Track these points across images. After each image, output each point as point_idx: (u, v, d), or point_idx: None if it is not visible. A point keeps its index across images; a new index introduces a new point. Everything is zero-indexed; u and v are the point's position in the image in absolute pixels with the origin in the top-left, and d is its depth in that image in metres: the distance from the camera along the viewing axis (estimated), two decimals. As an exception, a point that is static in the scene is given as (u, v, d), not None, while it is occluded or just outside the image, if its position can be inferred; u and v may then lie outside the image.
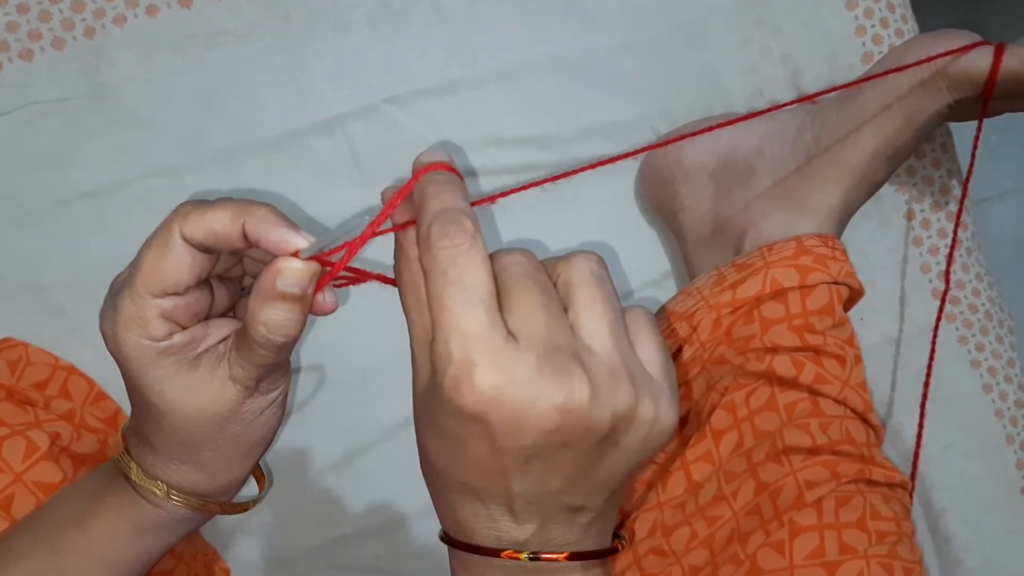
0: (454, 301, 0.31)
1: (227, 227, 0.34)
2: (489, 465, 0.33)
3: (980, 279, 0.61)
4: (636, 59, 0.59)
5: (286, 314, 0.34)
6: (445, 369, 0.31)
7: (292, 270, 0.34)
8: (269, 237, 0.34)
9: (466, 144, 0.59)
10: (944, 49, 0.49)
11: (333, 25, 0.58)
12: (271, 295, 0.34)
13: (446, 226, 0.32)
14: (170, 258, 0.34)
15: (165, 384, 0.36)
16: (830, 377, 0.49)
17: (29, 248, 0.57)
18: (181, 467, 0.39)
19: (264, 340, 0.35)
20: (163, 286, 0.34)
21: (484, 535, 0.35)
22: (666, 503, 0.50)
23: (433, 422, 0.33)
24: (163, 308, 0.35)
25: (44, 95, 0.57)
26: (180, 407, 0.36)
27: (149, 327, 0.35)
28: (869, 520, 0.46)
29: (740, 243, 0.54)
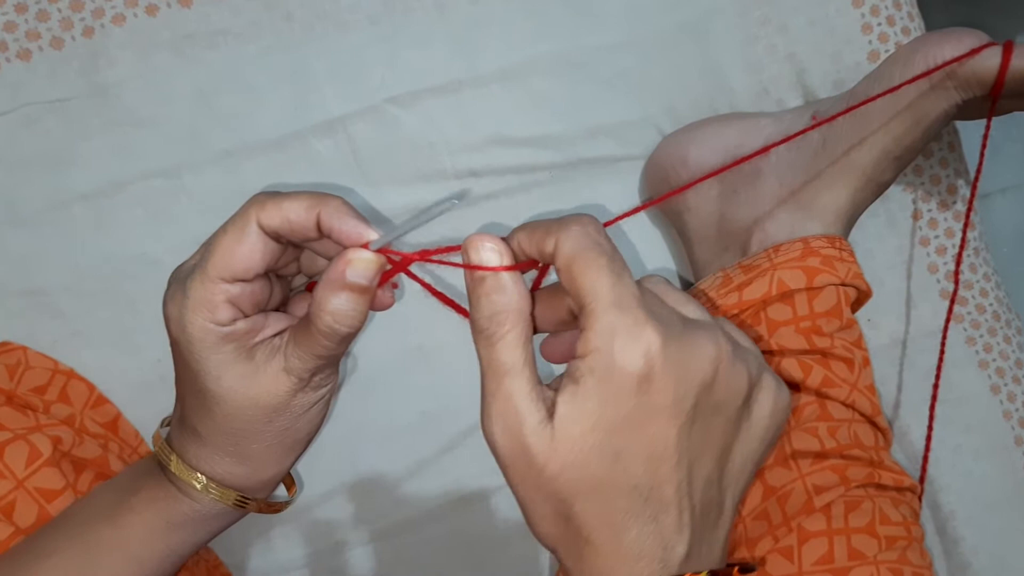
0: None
1: (302, 216, 0.35)
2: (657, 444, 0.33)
3: (988, 279, 0.61)
4: (640, 57, 0.58)
5: (352, 304, 0.36)
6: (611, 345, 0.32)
7: (362, 261, 0.35)
8: (342, 228, 0.35)
9: (469, 144, 0.58)
10: (951, 47, 0.49)
11: (334, 24, 0.57)
12: (339, 284, 0.35)
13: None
14: (245, 244, 0.36)
15: (223, 370, 0.37)
16: (838, 380, 0.49)
17: (26, 250, 0.56)
18: (224, 459, 0.40)
19: (329, 329, 0.36)
20: (234, 271, 0.36)
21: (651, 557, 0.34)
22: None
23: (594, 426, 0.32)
24: (231, 293, 0.36)
25: (42, 95, 0.56)
26: (234, 394, 0.37)
27: (217, 311, 0.36)
28: (879, 525, 0.46)
29: (746, 244, 0.53)
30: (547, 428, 0.32)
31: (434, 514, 0.59)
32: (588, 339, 0.32)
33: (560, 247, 0.33)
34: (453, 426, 0.59)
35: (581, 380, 0.32)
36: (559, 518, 0.34)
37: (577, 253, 0.33)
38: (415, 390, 0.59)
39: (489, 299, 0.34)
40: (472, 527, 0.59)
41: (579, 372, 0.32)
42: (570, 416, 0.32)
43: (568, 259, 0.33)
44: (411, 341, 0.59)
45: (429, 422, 0.59)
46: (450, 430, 0.59)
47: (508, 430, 0.33)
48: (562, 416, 0.33)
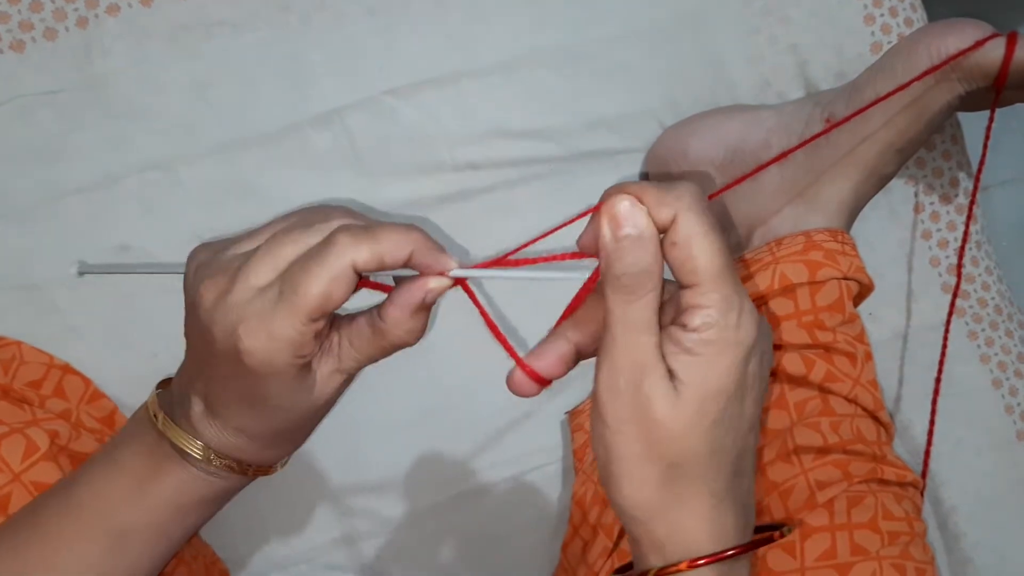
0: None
1: (396, 256, 0.36)
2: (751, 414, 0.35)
3: (989, 273, 0.60)
4: (640, 49, 0.58)
5: (423, 322, 0.38)
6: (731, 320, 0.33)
7: (443, 287, 0.37)
8: (435, 265, 0.37)
9: (468, 136, 0.58)
10: (954, 39, 0.49)
11: (332, 15, 0.57)
12: (416, 307, 0.37)
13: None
14: (341, 287, 0.35)
15: (292, 386, 0.37)
16: (840, 375, 0.49)
17: (20, 244, 0.56)
18: (261, 446, 0.40)
19: (400, 341, 0.38)
20: (326, 311, 0.35)
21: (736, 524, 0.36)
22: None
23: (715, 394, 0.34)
24: (318, 328, 0.36)
25: (36, 87, 0.56)
26: (297, 404, 0.38)
27: (305, 347, 0.36)
28: (881, 520, 0.46)
29: (748, 238, 0.53)
30: (669, 388, 0.34)
31: (434, 509, 0.59)
32: (708, 314, 0.33)
33: (681, 222, 0.33)
34: (454, 421, 0.59)
35: (701, 352, 0.34)
36: (664, 481, 0.35)
37: (697, 231, 0.33)
38: (416, 385, 0.59)
39: (635, 256, 0.34)
40: (472, 522, 0.59)
41: (698, 345, 0.34)
42: (694, 383, 0.34)
43: (688, 236, 0.33)
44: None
45: (430, 417, 0.59)
46: (451, 425, 0.59)
47: (631, 385, 0.34)
48: (685, 382, 0.34)
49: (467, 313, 0.58)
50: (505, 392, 0.58)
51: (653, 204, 0.33)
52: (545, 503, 0.59)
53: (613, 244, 0.34)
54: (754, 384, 0.35)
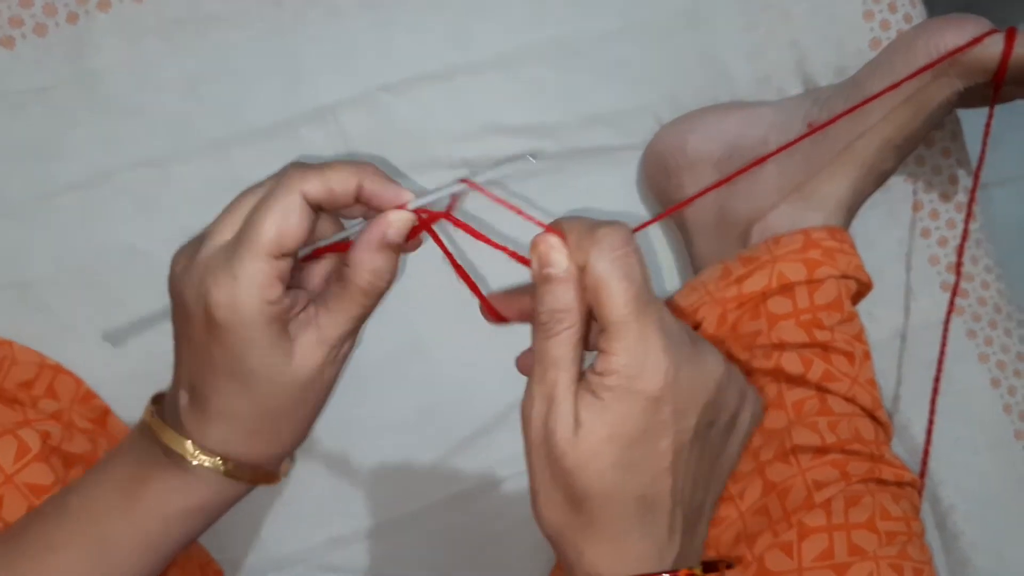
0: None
1: (345, 186, 0.37)
2: (664, 458, 0.36)
3: (989, 271, 0.60)
4: (639, 44, 0.58)
5: (390, 262, 0.38)
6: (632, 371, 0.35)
7: (403, 220, 0.37)
8: (384, 194, 0.37)
9: (464, 132, 0.58)
10: (953, 35, 0.48)
11: (325, 10, 0.56)
12: (378, 244, 0.37)
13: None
14: (293, 218, 0.36)
15: (270, 349, 0.37)
16: (839, 374, 0.49)
17: (11, 242, 0.56)
18: (250, 438, 0.40)
19: (370, 287, 0.38)
20: (285, 246, 0.36)
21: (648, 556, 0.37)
22: (672, 505, 0.49)
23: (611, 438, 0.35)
24: (281, 269, 0.36)
25: (26, 83, 0.55)
26: (278, 373, 0.38)
27: (270, 290, 0.36)
28: (879, 520, 0.46)
29: (746, 235, 0.53)
30: (571, 424, 0.35)
31: (430, 510, 0.59)
32: (611, 361, 0.35)
33: (592, 267, 0.35)
34: (450, 421, 0.59)
35: (603, 396, 0.35)
36: (568, 508, 0.37)
37: (607, 278, 0.35)
38: (412, 385, 0.58)
39: (553, 295, 0.36)
40: (469, 523, 0.59)
41: (600, 389, 0.35)
42: (592, 426, 0.35)
43: (597, 281, 0.35)
44: (408, 335, 0.58)
45: (426, 417, 0.59)
46: (447, 425, 0.59)
47: (541, 415, 0.36)
48: (584, 423, 0.35)
49: (464, 311, 0.58)
50: (502, 390, 0.58)
51: (572, 245, 0.36)
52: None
53: (537, 281, 0.36)
54: (670, 428, 0.36)
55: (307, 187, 0.36)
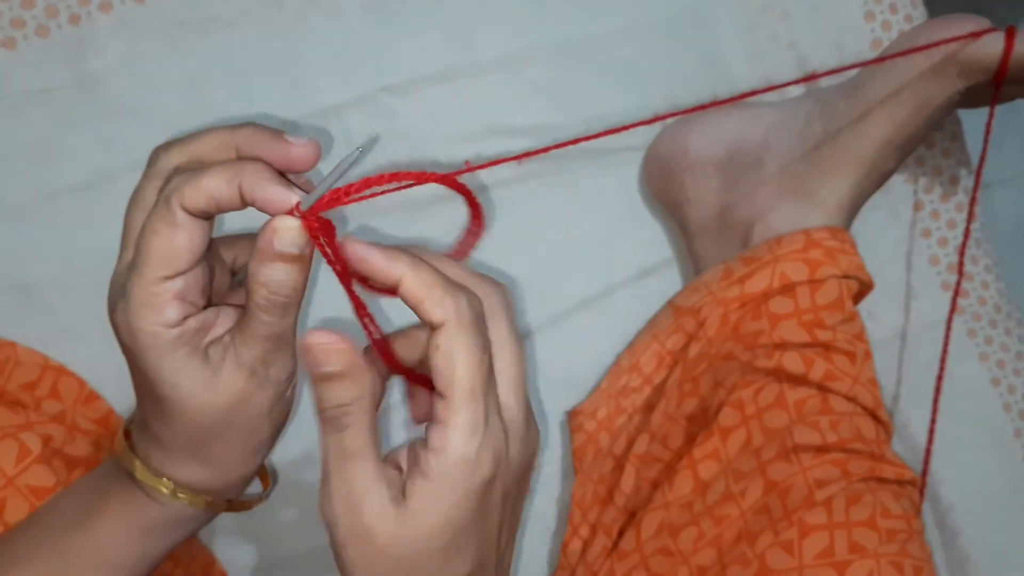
0: None
1: (224, 192, 0.33)
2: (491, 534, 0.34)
3: (989, 271, 0.60)
4: (640, 45, 0.58)
5: (285, 274, 0.34)
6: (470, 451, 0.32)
7: (288, 229, 0.33)
8: (265, 196, 0.33)
9: (465, 134, 0.58)
10: (953, 33, 0.48)
11: (327, 11, 0.56)
12: (269, 255, 0.33)
13: None
14: (179, 235, 0.33)
15: (179, 376, 0.35)
16: (840, 374, 0.49)
17: (13, 244, 0.55)
18: (189, 463, 0.38)
19: (266, 302, 0.34)
20: (176, 266, 0.33)
21: None
22: (673, 502, 0.49)
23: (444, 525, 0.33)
24: (175, 289, 0.34)
25: (28, 85, 0.55)
26: (194, 400, 0.35)
27: (164, 311, 0.34)
28: (879, 518, 0.46)
29: (747, 236, 0.53)
30: (391, 512, 0.32)
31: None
32: (447, 436, 0.32)
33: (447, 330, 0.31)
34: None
35: (435, 478, 0.32)
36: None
37: (462, 343, 0.31)
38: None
39: (336, 392, 0.33)
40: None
41: (432, 469, 0.32)
42: (424, 511, 0.32)
43: (450, 346, 0.31)
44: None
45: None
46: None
47: (351, 509, 0.33)
48: (414, 510, 0.32)
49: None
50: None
51: (429, 301, 0.31)
52: (545, 504, 0.59)
53: (313, 379, 0.33)
54: (499, 504, 0.34)
55: (185, 200, 0.33)
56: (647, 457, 0.52)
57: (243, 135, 0.34)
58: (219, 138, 0.34)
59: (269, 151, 0.34)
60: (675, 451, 0.51)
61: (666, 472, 0.51)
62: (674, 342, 0.54)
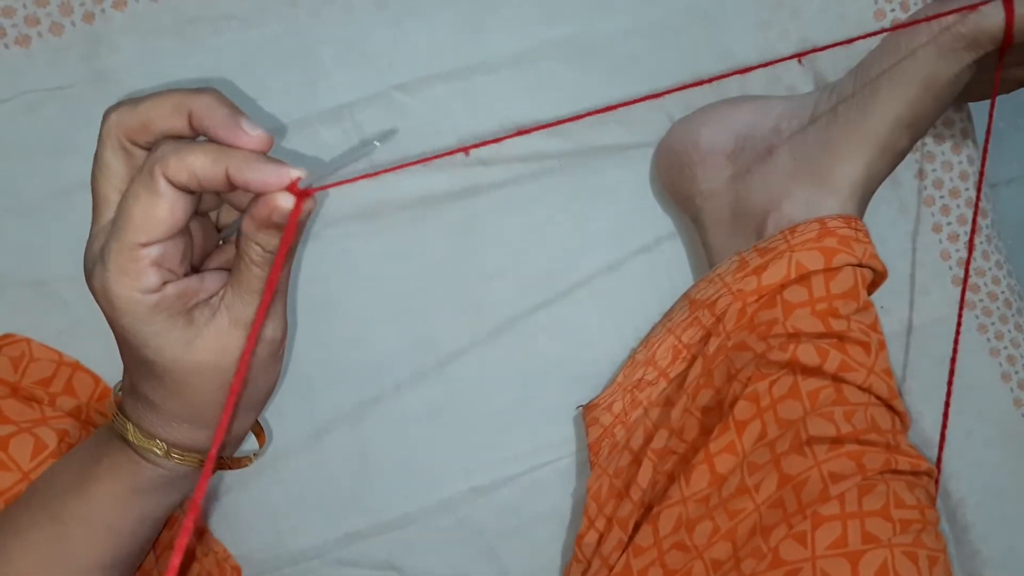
0: None
1: (210, 172, 0.33)
2: None
3: (1000, 267, 0.60)
4: (651, 42, 0.58)
5: (279, 236, 0.34)
6: None
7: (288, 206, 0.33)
8: (257, 178, 0.33)
9: (477, 131, 0.58)
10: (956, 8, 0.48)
11: (341, 8, 0.57)
12: (264, 224, 0.34)
13: None
14: (160, 204, 0.33)
15: (162, 340, 0.35)
16: (855, 364, 0.48)
17: (28, 240, 0.55)
18: (181, 424, 0.38)
19: (260, 257, 0.35)
20: (154, 234, 0.33)
21: None
22: (690, 498, 0.49)
23: None
24: (153, 256, 0.34)
25: (42, 83, 0.55)
26: (180, 363, 0.36)
27: (142, 278, 0.34)
28: (893, 509, 0.45)
29: (762, 226, 0.53)
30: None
31: (444, 505, 0.59)
32: None
33: None
34: (465, 416, 0.59)
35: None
36: None
37: None
38: (427, 380, 0.58)
39: None
40: (483, 518, 0.59)
41: None
42: None
43: None
44: (421, 332, 0.58)
45: (441, 412, 0.59)
46: (462, 420, 0.59)
47: None
48: None
49: (476, 306, 0.58)
50: (518, 385, 0.58)
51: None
52: (559, 497, 0.59)
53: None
54: None
55: (168, 171, 0.33)
56: (664, 452, 0.52)
57: (200, 103, 0.34)
58: (173, 101, 0.34)
59: (220, 130, 0.34)
60: (690, 443, 0.51)
61: (682, 465, 0.51)
62: (690, 335, 0.54)
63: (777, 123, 0.54)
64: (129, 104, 0.34)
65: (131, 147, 0.35)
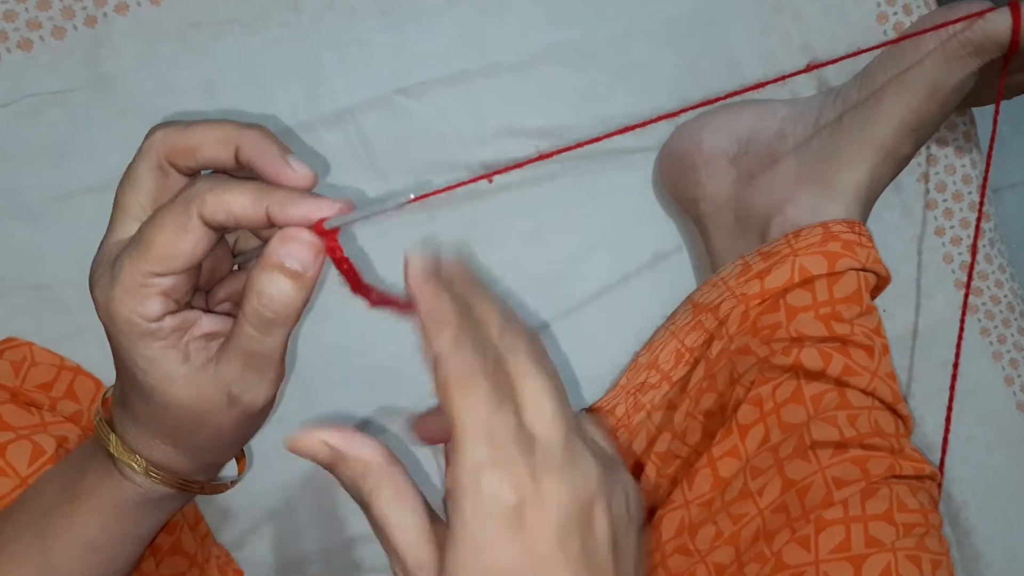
0: None
1: (249, 211, 0.32)
2: None
3: (1003, 270, 0.61)
4: (653, 47, 0.58)
5: (283, 288, 0.32)
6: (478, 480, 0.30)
7: (300, 242, 0.31)
8: (299, 212, 0.31)
9: (480, 135, 0.58)
10: (962, 14, 0.49)
11: (343, 13, 0.57)
12: (271, 263, 0.32)
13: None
14: (185, 240, 0.32)
15: (151, 365, 0.34)
16: (858, 368, 0.49)
17: (31, 244, 0.55)
18: (163, 445, 0.37)
19: (254, 312, 0.32)
20: (172, 266, 0.33)
21: None
22: (692, 501, 0.49)
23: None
24: (163, 287, 0.33)
25: (44, 86, 0.55)
26: (165, 391, 0.35)
27: (145, 304, 0.33)
28: (896, 512, 0.45)
29: (765, 229, 0.53)
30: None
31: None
32: (455, 474, 0.29)
33: (439, 368, 0.30)
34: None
35: (451, 525, 0.29)
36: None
37: (455, 376, 0.29)
38: (428, 385, 0.58)
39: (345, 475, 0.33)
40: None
41: (450, 518, 0.29)
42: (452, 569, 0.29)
43: (444, 382, 0.29)
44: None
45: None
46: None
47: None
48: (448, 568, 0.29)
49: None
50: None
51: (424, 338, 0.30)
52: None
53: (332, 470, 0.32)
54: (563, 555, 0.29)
55: (205, 211, 0.32)
56: (667, 455, 0.52)
57: (249, 138, 0.33)
58: (222, 132, 0.33)
59: (267, 167, 0.33)
60: (693, 447, 0.51)
61: (685, 469, 0.51)
62: (693, 339, 0.54)
63: (781, 127, 0.54)
64: (178, 126, 0.34)
65: (168, 167, 0.34)
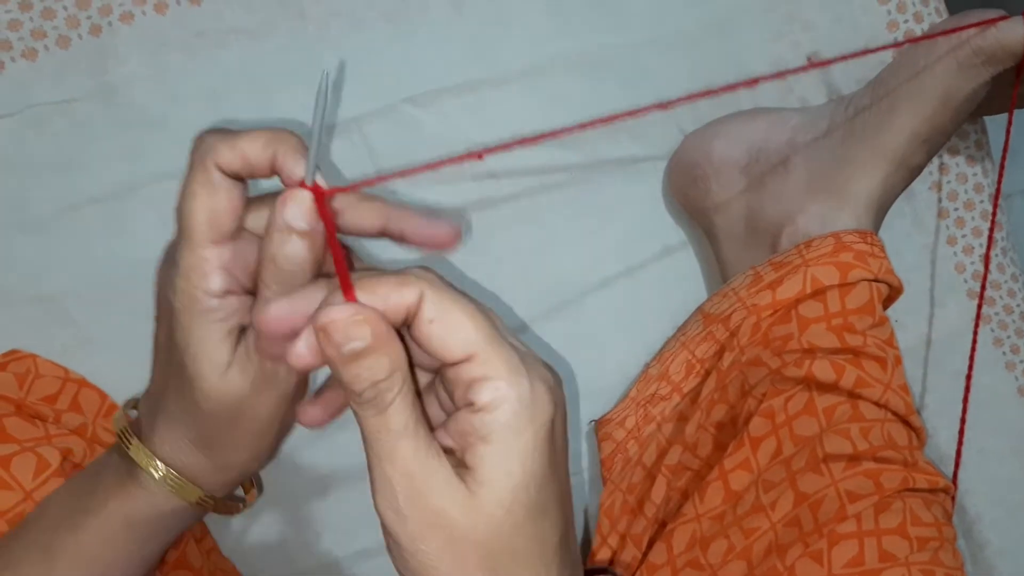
0: None
1: (260, 156, 0.33)
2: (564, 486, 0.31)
3: (1015, 279, 0.60)
4: (663, 55, 0.58)
5: (292, 246, 0.32)
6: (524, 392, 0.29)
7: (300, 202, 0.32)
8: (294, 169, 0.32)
9: (487, 144, 0.57)
10: (973, 22, 0.49)
11: (349, 22, 0.56)
12: (279, 227, 0.32)
13: None
14: (219, 196, 0.33)
15: (201, 347, 0.34)
16: (871, 380, 0.48)
17: (36, 256, 0.55)
18: (187, 448, 0.38)
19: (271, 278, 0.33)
20: (219, 228, 0.33)
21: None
22: (704, 515, 0.49)
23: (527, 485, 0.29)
24: (223, 258, 0.33)
25: (49, 96, 0.55)
26: (205, 380, 0.35)
27: (208, 279, 0.33)
28: (910, 526, 0.45)
29: (776, 240, 0.52)
30: (462, 490, 0.29)
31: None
32: (496, 386, 0.28)
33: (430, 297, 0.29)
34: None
35: (497, 437, 0.28)
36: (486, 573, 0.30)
37: (452, 299, 0.29)
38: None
39: (370, 369, 0.29)
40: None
41: (491, 428, 0.28)
42: (495, 479, 0.29)
43: (444, 308, 0.29)
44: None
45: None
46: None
47: (416, 496, 0.29)
48: (484, 481, 0.29)
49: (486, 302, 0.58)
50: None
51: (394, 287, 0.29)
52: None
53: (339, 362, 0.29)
54: (564, 447, 0.31)
55: (220, 160, 0.32)
56: (678, 467, 0.52)
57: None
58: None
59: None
60: (704, 459, 0.51)
61: (696, 482, 0.50)
62: (704, 350, 0.53)
63: (792, 136, 0.53)
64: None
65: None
